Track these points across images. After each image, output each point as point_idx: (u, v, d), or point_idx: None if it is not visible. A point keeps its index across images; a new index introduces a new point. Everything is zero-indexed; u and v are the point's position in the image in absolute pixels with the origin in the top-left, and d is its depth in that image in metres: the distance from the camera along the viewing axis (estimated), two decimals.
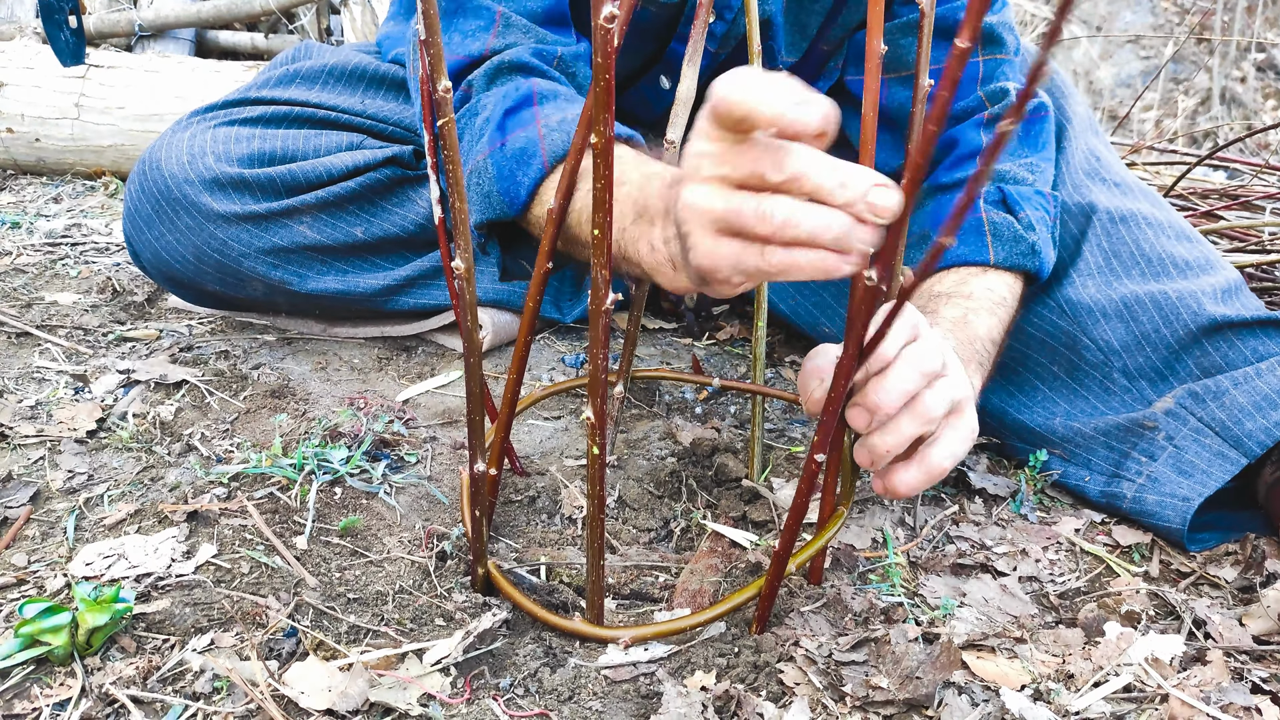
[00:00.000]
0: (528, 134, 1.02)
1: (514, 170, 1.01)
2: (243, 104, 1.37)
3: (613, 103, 0.62)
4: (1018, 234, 1.15)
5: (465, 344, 0.79)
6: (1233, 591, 1.01)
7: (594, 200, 0.67)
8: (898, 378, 0.80)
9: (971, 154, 1.24)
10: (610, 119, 0.63)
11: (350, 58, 1.46)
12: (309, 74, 1.43)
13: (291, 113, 1.36)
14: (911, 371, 0.80)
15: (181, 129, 1.32)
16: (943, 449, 0.84)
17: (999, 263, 1.13)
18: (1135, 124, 4.57)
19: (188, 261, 1.30)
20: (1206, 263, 1.17)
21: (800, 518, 0.81)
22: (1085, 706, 0.81)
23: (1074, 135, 1.28)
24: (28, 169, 2.48)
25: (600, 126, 0.63)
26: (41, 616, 0.80)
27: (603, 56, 0.60)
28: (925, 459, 0.84)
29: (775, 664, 0.84)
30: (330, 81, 1.43)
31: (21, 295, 1.59)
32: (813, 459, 0.78)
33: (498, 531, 1.04)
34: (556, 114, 1.02)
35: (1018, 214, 1.16)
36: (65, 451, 1.11)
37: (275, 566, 0.94)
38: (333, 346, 1.43)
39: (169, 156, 1.28)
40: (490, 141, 1.04)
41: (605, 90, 0.61)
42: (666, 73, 1.34)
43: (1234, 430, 1.04)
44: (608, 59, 0.60)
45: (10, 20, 3.31)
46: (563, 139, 0.99)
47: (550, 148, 0.99)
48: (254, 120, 1.34)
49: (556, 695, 0.81)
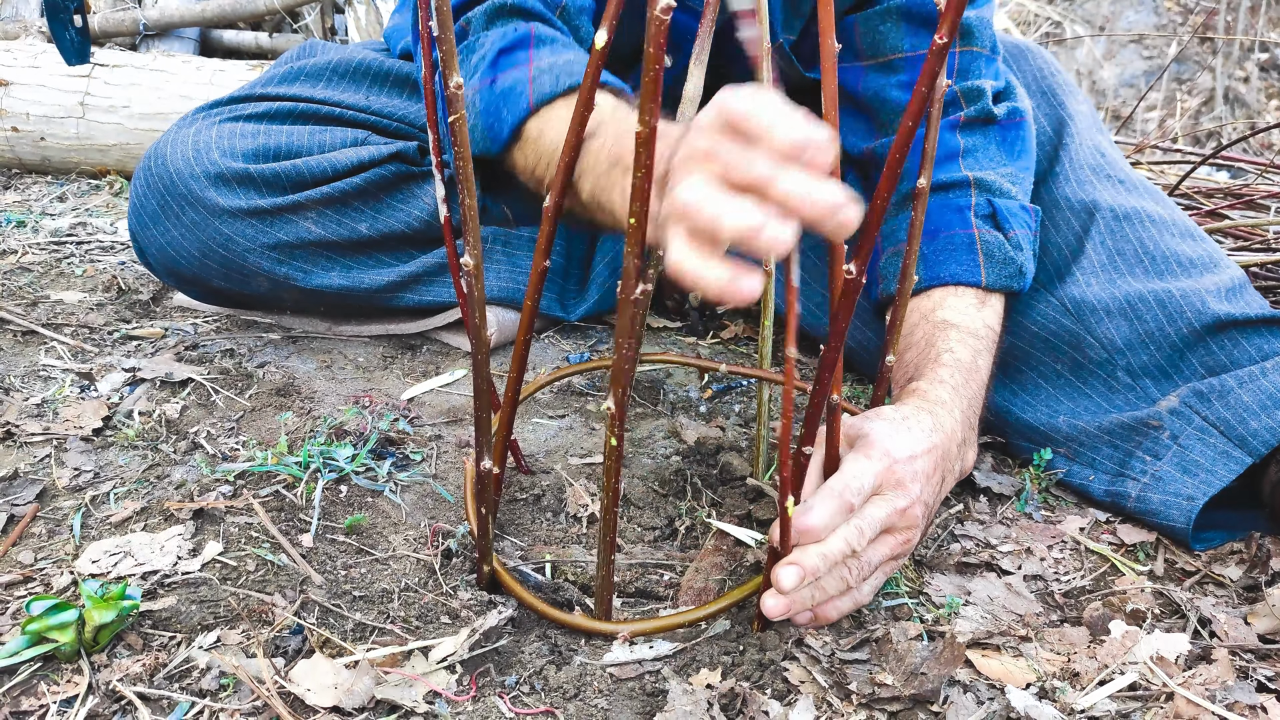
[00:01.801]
0: (518, 74, 1.05)
1: (499, 107, 1.04)
2: (248, 100, 1.37)
3: (659, 93, 0.62)
4: (1008, 255, 1.15)
5: (472, 341, 0.79)
6: (1238, 590, 1.01)
7: (634, 190, 0.67)
8: (833, 547, 0.83)
9: (947, 156, 1.22)
10: (656, 109, 0.63)
11: (355, 54, 1.46)
12: (314, 70, 1.43)
13: (296, 108, 1.36)
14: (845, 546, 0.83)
15: (187, 125, 1.33)
16: (870, 588, 0.89)
17: (989, 285, 1.14)
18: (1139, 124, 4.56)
19: (193, 257, 1.30)
20: (1211, 260, 1.17)
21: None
22: (1090, 705, 0.81)
23: (1077, 132, 1.28)
24: (33, 168, 2.48)
25: (646, 116, 0.62)
26: (48, 614, 0.80)
27: (654, 47, 0.60)
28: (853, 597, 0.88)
29: (780, 662, 0.84)
30: (335, 78, 1.43)
31: (27, 294, 1.59)
32: (801, 452, 0.79)
33: (503, 530, 1.04)
34: (550, 57, 1.06)
35: (1007, 232, 1.16)
36: (71, 449, 1.12)
37: (281, 564, 0.94)
38: (337, 345, 1.44)
39: (174, 152, 1.28)
40: (481, 78, 1.06)
41: (653, 81, 0.61)
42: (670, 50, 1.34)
43: (1239, 429, 1.04)
44: (659, 49, 0.60)
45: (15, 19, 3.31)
46: (550, 81, 1.02)
47: (538, 89, 1.02)
48: (259, 116, 1.34)
49: (562, 693, 0.81)
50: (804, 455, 0.79)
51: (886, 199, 0.68)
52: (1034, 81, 1.33)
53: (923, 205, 0.92)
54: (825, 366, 0.74)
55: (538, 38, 1.09)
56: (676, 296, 1.61)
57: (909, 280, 0.96)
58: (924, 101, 0.58)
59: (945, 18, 0.55)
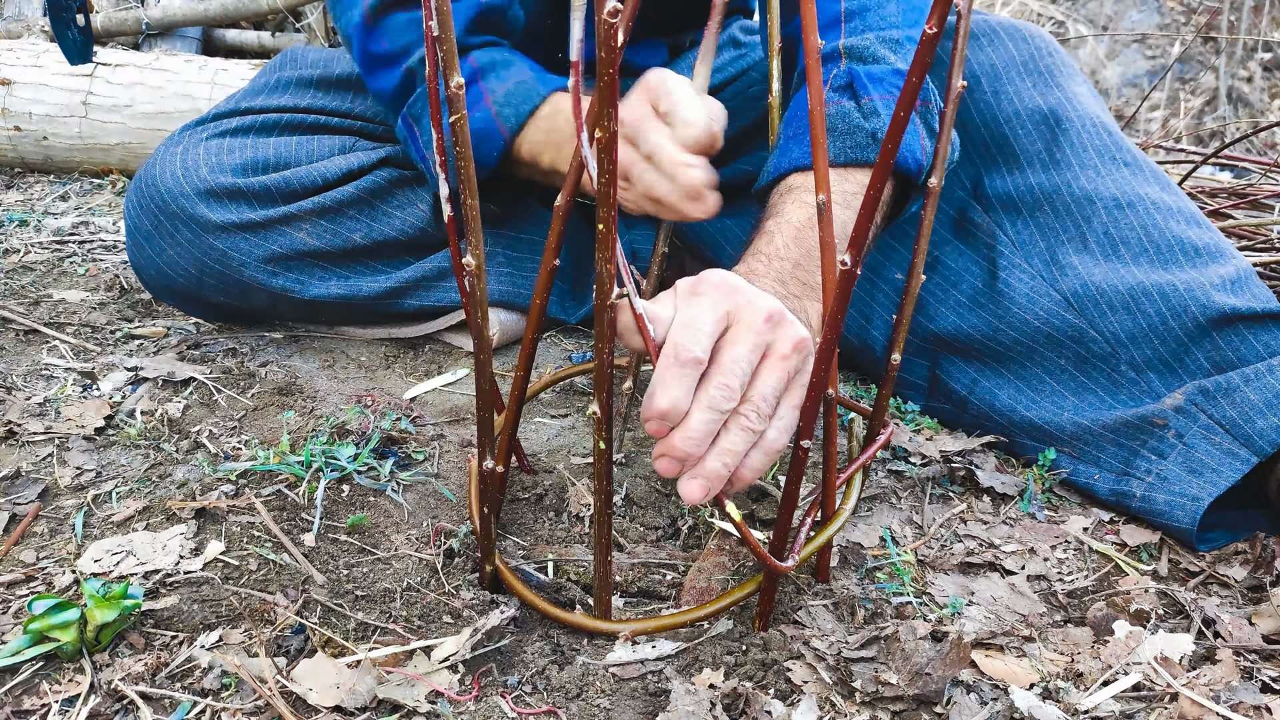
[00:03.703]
0: (481, 113, 1.19)
1: (478, 145, 1.20)
2: (233, 115, 1.38)
3: (617, 97, 0.62)
4: (854, 124, 1.03)
5: (475, 341, 0.79)
6: (1242, 590, 1.01)
7: (599, 195, 0.67)
8: (697, 424, 0.76)
9: (829, 24, 1.12)
10: (615, 113, 0.63)
11: (336, 61, 1.46)
12: (297, 80, 1.44)
13: (282, 119, 1.37)
14: (712, 413, 0.77)
15: (174, 144, 1.33)
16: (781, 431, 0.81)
17: (833, 160, 1.03)
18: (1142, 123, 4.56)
19: (190, 275, 1.31)
20: (1217, 249, 1.14)
21: (791, 508, 0.81)
22: (1094, 705, 0.81)
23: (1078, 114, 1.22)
24: (35, 167, 2.48)
25: (605, 121, 0.62)
26: (50, 613, 0.80)
27: (607, 51, 0.60)
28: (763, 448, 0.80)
29: (783, 661, 0.84)
30: (318, 86, 1.44)
31: (29, 293, 1.59)
32: (799, 446, 0.78)
33: (505, 529, 1.04)
34: (500, 85, 1.19)
35: (860, 99, 1.05)
36: (73, 448, 1.11)
37: (283, 563, 0.94)
38: (340, 344, 1.44)
39: (163, 171, 1.28)
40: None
41: (609, 85, 0.61)
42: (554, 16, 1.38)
43: (1244, 428, 1.04)
44: (612, 54, 0.60)
45: (18, 18, 3.31)
46: (514, 114, 1.18)
47: (505, 123, 1.18)
48: (245, 130, 1.35)
49: (564, 693, 0.81)
50: (803, 450, 0.78)
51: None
52: (1031, 62, 1.27)
53: (933, 202, 0.90)
54: (820, 359, 0.73)
55: (481, 69, 1.19)
56: None
57: (916, 277, 0.96)
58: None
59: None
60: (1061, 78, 1.25)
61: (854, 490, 0.96)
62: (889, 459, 1.17)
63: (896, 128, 0.59)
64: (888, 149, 0.61)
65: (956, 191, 1.27)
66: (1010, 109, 1.23)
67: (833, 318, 0.71)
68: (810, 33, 0.74)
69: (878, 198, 0.62)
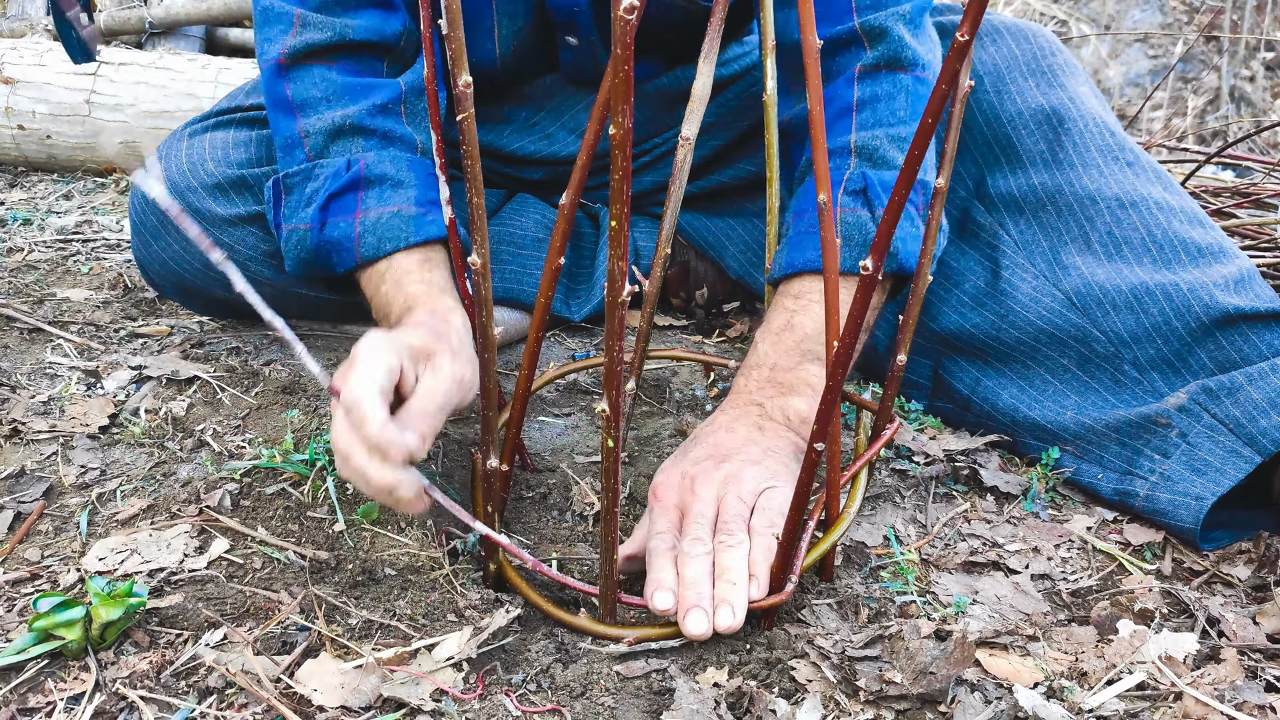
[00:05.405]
0: (345, 227, 1.11)
1: (329, 253, 1.12)
2: (237, 110, 1.38)
3: (631, 93, 0.62)
4: (870, 237, 1.05)
5: (480, 339, 0.79)
6: (1246, 590, 1.01)
7: (612, 192, 0.67)
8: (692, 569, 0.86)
9: (839, 114, 1.12)
10: (629, 110, 0.63)
11: None
12: None
13: None
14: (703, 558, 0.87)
15: (178, 140, 1.33)
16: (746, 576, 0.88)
17: (845, 270, 1.05)
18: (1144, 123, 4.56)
19: (196, 270, 1.31)
20: (1220, 249, 1.14)
21: (801, 510, 0.81)
22: (1099, 704, 0.81)
23: (1081, 115, 1.22)
24: (39, 166, 2.49)
25: (619, 118, 0.62)
26: (55, 611, 0.80)
27: (622, 48, 0.60)
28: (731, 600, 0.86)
29: (787, 660, 0.84)
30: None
31: (33, 291, 1.59)
32: (812, 448, 0.78)
33: (509, 528, 1.04)
34: (377, 209, 1.10)
35: (875, 210, 1.07)
36: (78, 447, 1.12)
37: (287, 562, 0.94)
38: (343, 343, 1.44)
39: (169, 166, 1.28)
40: (312, 219, 1.12)
41: (624, 82, 0.61)
42: (568, 32, 1.34)
43: (1248, 428, 1.04)
44: (626, 50, 0.60)
45: (21, 18, 3.32)
46: (374, 243, 1.08)
47: (363, 248, 1.09)
48: (248, 123, 1.35)
49: (569, 691, 0.81)
50: (815, 451, 0.78)
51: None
52: (1034, 61, 1.27)
53: (940, 203, 0.90)
54: (838, 363, 0.73)
55: (367, 178, 1.11)
56: (683, 295, 1.61)
57: (922, 278, 0.96)
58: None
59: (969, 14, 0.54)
60: (1064, 77, 1.25)
61: (858, 490, 0.95)
62: (893, 458, 1.17)
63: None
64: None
65: (959, 191, 1.27)
66: (1013, 108, 1.23)
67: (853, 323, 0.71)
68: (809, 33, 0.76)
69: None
